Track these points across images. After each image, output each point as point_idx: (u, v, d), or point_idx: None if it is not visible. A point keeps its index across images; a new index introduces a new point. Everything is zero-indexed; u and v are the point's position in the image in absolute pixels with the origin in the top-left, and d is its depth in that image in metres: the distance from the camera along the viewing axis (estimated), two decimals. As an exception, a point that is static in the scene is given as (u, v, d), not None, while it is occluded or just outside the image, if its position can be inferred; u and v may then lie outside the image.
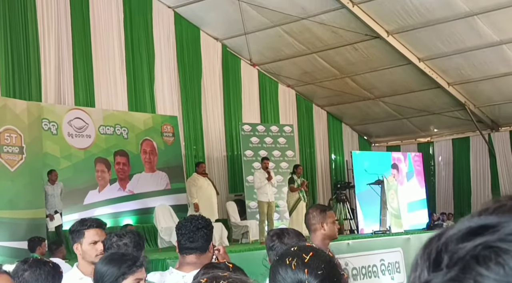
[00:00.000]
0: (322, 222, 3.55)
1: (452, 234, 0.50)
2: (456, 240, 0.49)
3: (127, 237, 2.88)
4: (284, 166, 13.21)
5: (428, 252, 0.51)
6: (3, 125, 8.51)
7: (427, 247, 0.52)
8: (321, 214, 3.58)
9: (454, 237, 0.50)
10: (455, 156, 17.05)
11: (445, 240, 0.50)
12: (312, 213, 3.63)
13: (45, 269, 2.65)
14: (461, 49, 12.75)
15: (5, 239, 7.90)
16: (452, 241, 0.50)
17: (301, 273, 1.41)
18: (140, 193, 11.35)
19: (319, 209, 3.68)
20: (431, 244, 0.51)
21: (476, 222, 0.50)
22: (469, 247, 0.48)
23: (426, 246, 0.52)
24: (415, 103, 15.21)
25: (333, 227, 3.59)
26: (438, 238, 0.51)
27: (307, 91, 15.85)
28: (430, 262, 0.50)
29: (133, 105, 12.05)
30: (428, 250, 0.51)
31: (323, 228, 3.54)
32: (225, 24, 13.29)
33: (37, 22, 10.67)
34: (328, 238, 3.58)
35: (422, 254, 0.52)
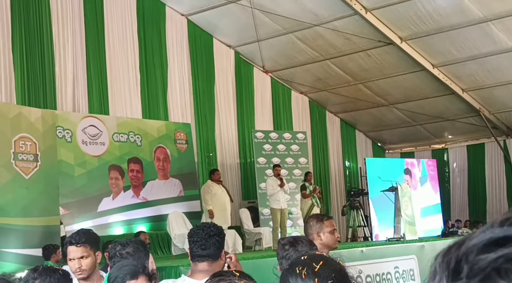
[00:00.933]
0: (318, 232, 3.49)
1: (473, 244, 0.49)
2: (477, 250, 0.48)
3: (130, 246, 2.89)
4: (297, 173, 13.19)
5: (447, 261, 0.50)
6: (18, 133, 8.57)
7: (446, 256, 0.51)
8: (318, 223, 3.52)
9: (475, 247, 0.49)
10: (470, 163, 16.92)
11: (466, 250, 0.49)
12: (309, 222, 3.58)
13: (55, 276, 2.67)
14: (475, 55, 12.67)
15: (20, 247, 7.95)
16: (473, 251, 0.48)
17: (311, 282, 1.40)
18: (153, 200, 11.38)
19: (316, 218, 3.62)
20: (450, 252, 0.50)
21: (498, 233, 0.48)
22: (491, 258, 0.47)
23: (445, 254, 0.51)
24: (429, 109, 15.13)
25: (331, 237, 3.52)
26: (458, 246, 0.50)
27: (320, 98, 15.83)
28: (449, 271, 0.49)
29: (146, 112, 12.11)
30: (447, 259, 0.50)
31: (319, 237, 3.48)
32: (238, 31, 13.33)
33: (52, 30, 10.76)
34: (326, 247, 3.50)
35: (441, 262, 0.51)
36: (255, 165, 12.87)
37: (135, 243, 2.93)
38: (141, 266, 2.50)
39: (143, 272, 2.47)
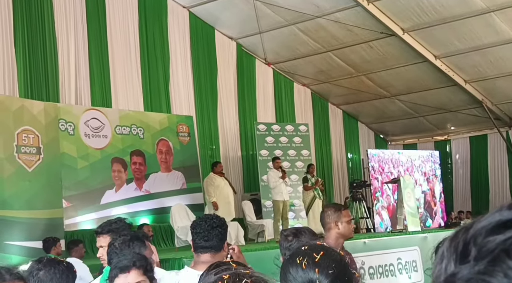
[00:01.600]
0: (336, 221, 3.53)
1: (481, 227, 0.49)
2: (485, 232, 0.49)
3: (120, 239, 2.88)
4: (299, 165, 13.20)
5: (455, 244, 0.50)
6: (21, 126, 8.59)
7: (454, 240, 0.51)
8: (336, 212, 3.57)
9: (483, 229, 0.49)
10: (473, 154, 16.91)
11: (474, 233, 0.50)
12: (327, 211, 3.62)
13: (59, 268, 2.68)
14: (477, 46, 12.64)
15: (23, 239, 7.99)
16: (481, 233, 0.49)
17: (311, 272, 1.41)
18: (156, 192, 11.40)
19: (334, 207, 3.67)
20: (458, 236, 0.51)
21: (506, 215, 0.49)
22: (499, 240, 0.47)
23: (452, 238, 0.52)
24: (431, 101, 15.10)
25: (348, 226, 3.57)
26: (466, 230, 0.51)
27: (322, 90, 15.81)
28: (457, 254, 0.49)
29: (148, 105, 12.11)
30: (455, 243, 0.50)
31: (337, 227, 3.52)
32: (240, 23, 13.30)
33: (54, 23, 10.76)
34: (342, 237, 3.56)
35: (448, 246, 0.51)
36: (258, 157, 12.88)
37: (127, 236, 2.91)
38: (134, 259, 2.45)
39: (134, 265, 2.42)
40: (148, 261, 2.48)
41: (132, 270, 2.40)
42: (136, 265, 2.41)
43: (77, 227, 10.09)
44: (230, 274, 1.24)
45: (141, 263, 2.43)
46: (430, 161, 15.58)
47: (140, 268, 2.41)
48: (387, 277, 8.82)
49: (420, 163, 15.23)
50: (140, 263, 2.42)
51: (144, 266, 2.43)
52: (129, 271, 2.40)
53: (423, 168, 15.23)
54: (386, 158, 14.56)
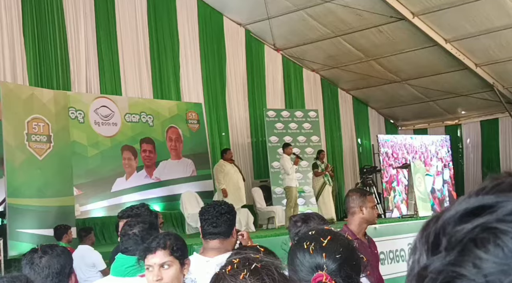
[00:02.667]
0: (361, 206, 3.52)
1: (449, 216, 0.48)
2: (453, 222, 0.47)
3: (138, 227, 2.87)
4: (309, 151, 13.18)
5: (426, 235, 0.49)
6: (31, 114, 8.62)
7: (425, 230, 0.50)
8: (361, 197, 3.56)
9: (451, 219, 0.48)
10: (484, 138, 16.79)
11: (443, 222, 0.48)
12: (352, 196, 3.61)
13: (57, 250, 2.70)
14: (488, 29, 12.49)
15: (35, 227, 8.04)
16: (450, 223, 0.47)
17: (319, 257, 1.40)
18: (166, 180, 11.44)
19: (359, 192, 3.67)
20: (429, 226, 0.49)
21: (473, 202, 0.47)
22: (467, 229, 0.46)
23: (424, 228, 0.50)
24: (442, 85, 14.98)
25: (372, 212, 3.57)
26: (436, 220, 0.49)
27: (332, 75, 15.73)
28: (428, 245, 0.48)
29: (158, 92, 12.11)
30: (426, 233, 0.49)
31: (361, 212, 3.52)
32: (248, 9, 13.23)
33: (63, 11, 10.76)
34: (366, 222, 3.56)
35: (420, 237, 0.50)
36: (267, 143, 12.87)
37: (143, 223, 2.91)
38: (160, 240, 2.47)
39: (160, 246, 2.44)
40: (176, 242, 2.47)
41: (157, 250, 2.42)
42: (161, 246, 2.43)
43: (88, 215, 10.16)
44: (240, 258, 1.25)
45: (167, 243, 2.44)
46: (445, 146, 15.50)
47: (166, 248, 2.43)
48: (398, 263, 8.82)
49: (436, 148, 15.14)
50: (165, 243, 2.44)
51: (171, 246, 2.44)
52: (155, 251, 2.42)
53: (439, 154, 15.14)
54: (399, 143, 14.47)
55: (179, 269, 2.45)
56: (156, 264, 2.41)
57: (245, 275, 1.19)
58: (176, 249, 2.45)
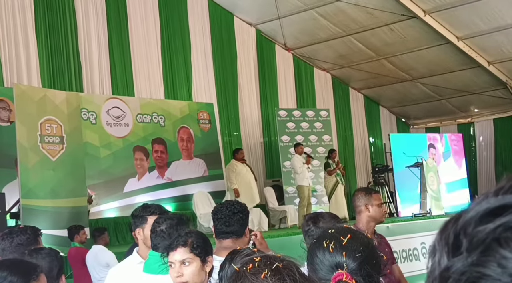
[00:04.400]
0: (367, 204, 3.53)
1: (470, 217, 0.47)
2: (474, 222, 0.46)
3: (165, 224, 2.88)
4: (321, 151, 13.15)
5: (445, 236, 0.48)
6: (44, 116, 8.66)
7: (444, 231, 0.49)
8: (366, 196, 3.58)
9: (472, 219, 0.47)
10: (497, 136, 16.68)
11: (463, 223, 0.47)
12: (357, 194, 3.63)
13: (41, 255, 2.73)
14: (501, 26, 12.40)
15: (49, 228, 8.07)
16: (471, 223, 0.47)
17: (339, 255, 1.39)
18: (178, 180, 11.45)
19: (364, 191, 3.69)
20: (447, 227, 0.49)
21: (494, 202, 0.46)
22: (489, 229, 0.45)
23: (442, 230, 0.49)
24: (454, 83, 14.90)
25: (379, 210, 3.57)
26: (455, 221, 0.48)
27: (343, 74, 15.68)
28: (449, 247, 0.47)
29: (169, 93, 12.14)
30: (445, 234, 0.48)
31: (367, 210, 3.53)
32: (259, 9, 13.23)
33: (75, 13, 10.81)
34: (373, 220, 3.56)
35: (439, 239, 0.49)
36: (279, 143, 12.86)
37: (171, 220, 2.92)
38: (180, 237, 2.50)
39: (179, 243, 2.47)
40: (196, 240, 2.49)
41: (178, 247, 2.45)
42: (181, 243, 2.46)
43: (101, 215, 10.19)
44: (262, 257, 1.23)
45: (188, 241, 2.47)
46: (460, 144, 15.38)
47: (186, 245, 2.46)
48: (411, 262, 8.78)
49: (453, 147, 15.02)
50: (185, 241, 2.47)
51: (192, 244, 2.46)
52: (176, 249, 2.45)
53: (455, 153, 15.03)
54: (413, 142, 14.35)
55: (199, 266, 2.47)
56: (177, 261, 2.45)
57: (266, 274, 1.18)
58: (196, 247, 2.47)
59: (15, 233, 3.23)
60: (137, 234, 3.17)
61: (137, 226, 3.18)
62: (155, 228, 2.86)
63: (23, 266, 2.18)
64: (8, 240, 3.14)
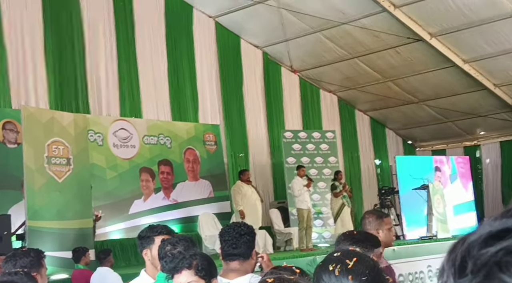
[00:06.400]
0: (378, 229, 3.46)
1: (474, 239, 0.48)
2: (478, 245, 0.47)
3: (181, 245, 2.86)
4: (327, 173, 13.11)
5: (453, 258, 0.49)
6: (51, 137, 8.70)
7: (452, 253, 0.49)
8: (378, 220, 3.51)
9: (476, 242, 0.47)
10: (504, 159, 16.61)
11: (468, 246, 0.48)
12: (368, 218, 3.56)
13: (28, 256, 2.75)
14: (507, 49, 12.43)
15: (55, 249, 8.06)
16: (475, 246, 0.47)
17: (345, 279, 1.39)
18: (184, 201, 11.45)
19: (375, 214, 3.61)
20: (455, 249, 0.49)
21: (497, 225, 0.47)
22: (491, 252, 0.45)
23: (451, 251, 0.50)
24: (460, 106, 14.90)
25: (389, 234, 3.51)
26: (462, 243, 0.49)
27: (349, 96, 15.72)
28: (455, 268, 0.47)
29: (176, 114, 12.19)
30: (453, 256, 0.49)
31: (378, 234, 3.46)
32: (265, 32, 13.32)
33: (84, 35, 10.93)
34: (383, 245, 3.50)
35: (447, 260, 0.49)
36: (284, 164, 12.84)
37: (185, 241, 2.90)
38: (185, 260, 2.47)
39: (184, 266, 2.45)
40: (201, 262, 2.47)
41: (183, 270, 2.43)
42: (186, 266, 2.44)
43: (107, 237, 10.17)
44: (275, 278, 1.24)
45: (193, 263, 2.45)
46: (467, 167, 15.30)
47: (191, 268, 2.43)
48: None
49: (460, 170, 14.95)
50: (190, 263, 2.45)
51: (197, 266, 2.44)
52: (181, 271, 2.43)
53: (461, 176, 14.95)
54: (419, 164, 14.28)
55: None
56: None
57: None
58: (201, 269, 2.44)
59: (18, 255, 3.22)
60: (144, 255, 3.17)
61: (144, 247, 3.18)
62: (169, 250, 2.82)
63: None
64: (11, 262, 3.14)
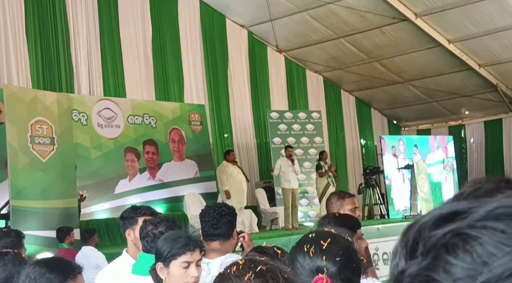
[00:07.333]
0: (339, 209, 3.46)
1: (425, 221, 0.49)
2: (428, 227, 0.48)
3: (162, 225, 2.86)
4: (312, 153, 13.16)
5: (405, 239, 0.49)
6: (34, 117, 8.64)
7: (405, 235, 0.50)
8: (339, 200, 3.49)
9: (426, 224, 0.48)
10: (488, 138, 16.76)
11: (419, 227, 0.49)
12: (330, 199, 3.56)
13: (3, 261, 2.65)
14: (492, 29, 12.47)
15: (39, 229, 8.06)
16: (426, 228, 0.48)
17: (319, 260, 1.40)
18: (169, 181, 11.45)
19: (337, 195, 3.58)
20: (408, 231, 0.50)
21: (447, 208, 0.48)
22: (439, 234, 0.46)
23: (404, 233, 0.51)
24: (445, 86, 14.96)
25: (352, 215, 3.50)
26: (415, 225, 0.50)
27: (335, 76, 15.72)
28: (407, 250, 0.48)
29: (161, 94, 12.13)
30: (405, 238, 0.50)
31: None
32: (251, 11, 13.24)
33: (66, 13, 10.79)
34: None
35: (400, 241, 0.50)
36: (270, 145, 12.87)
37: (167, 222, 2.89)
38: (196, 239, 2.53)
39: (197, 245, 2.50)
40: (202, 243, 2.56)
41: (196, 248, 2.48)
42: (198, 245, 2.50)
43: (92, 217, 10.17)
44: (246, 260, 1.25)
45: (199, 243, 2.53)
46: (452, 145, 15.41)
47: (200, 247, 2.50)
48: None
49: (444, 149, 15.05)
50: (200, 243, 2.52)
51: (202, 246, 2.53)
52: (194, 250, 2.46)
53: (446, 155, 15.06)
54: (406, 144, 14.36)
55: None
56: (194, 261, 2.46)
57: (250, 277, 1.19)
58: (204, 249, 2.53)
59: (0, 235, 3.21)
60: (127, 235, 3.17)
61: (127, 227, 3.18)
62: (151, 230, 2.81)
63: (62, 264, 2.26)
64: None
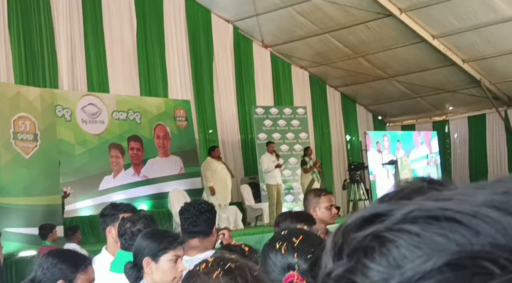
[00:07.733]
0: (315, 207, 3.48)
1: (349, 223, 0.48)
2: (352, 229, 0.47)
3: (140, 223, 2.85)
4: (298, 148, 13.19)
5: (334, 240, 0.49)
6: (17, 113, 8.57)
7: (335, 235, 0.50)
8: (315, 198, 3.50)
9: (351, 225, 0.48)
10: (471, 134, 16.89)
11: (345, 228, 0.48)
12: (307, 196, 3.59)
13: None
14: (475, 25, 12.54)
15: (22, 226, 8.01)
16: (351, 230, 0.48)
17: (290, 257, 1.40)
18: (154, 177, 11.40)
19: (314, 193, 3.60)
20: (338, 231, 0.49)
21: (370, 210, 0.48)
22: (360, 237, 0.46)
23: (334, 233, 0.50)
24: (429, 81, 15.04)
25: (327, 212, 3.48)
26: (342, 225, 0.49)
27: (320, 72, 15.74)
28: (335, 251, 0.48)
29: (145, 90, 12.07)
30: (335, 238, 0.49)
31: (315, 212, 3.47)
32: (236, 6, 13.20)
33: (50, 8, 10.69)
34: (322, 222, 3.48)
35: (330, 242, 0.50)
36: (256, 141, 12.87)
37: (145, 219, 2.88)
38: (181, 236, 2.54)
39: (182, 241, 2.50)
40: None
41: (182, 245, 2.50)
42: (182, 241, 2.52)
43: (76, 213, 10.11)
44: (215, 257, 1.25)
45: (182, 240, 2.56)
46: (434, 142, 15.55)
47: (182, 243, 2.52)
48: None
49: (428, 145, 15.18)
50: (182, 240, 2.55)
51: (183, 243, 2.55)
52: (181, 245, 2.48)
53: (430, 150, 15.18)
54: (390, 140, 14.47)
55: None
56: (182, 256, 2.46)
57: (218, 274, 1.19)
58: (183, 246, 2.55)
59: None
60: (108, 232, 3.15)
61: (107, 224, 3.16)
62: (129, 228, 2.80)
63: (74, 256, 2.34)
64: None
